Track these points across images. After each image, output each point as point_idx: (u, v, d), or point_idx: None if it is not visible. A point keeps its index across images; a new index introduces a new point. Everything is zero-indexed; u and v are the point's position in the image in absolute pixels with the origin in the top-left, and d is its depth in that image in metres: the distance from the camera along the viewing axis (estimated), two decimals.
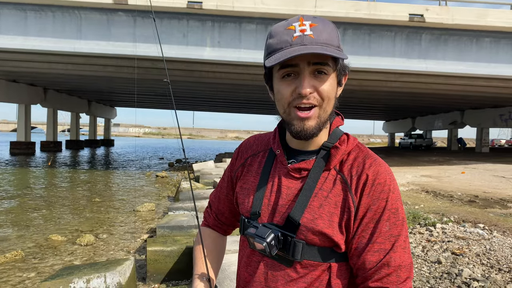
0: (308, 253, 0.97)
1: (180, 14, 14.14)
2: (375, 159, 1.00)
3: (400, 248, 0.94)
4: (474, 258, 4.70)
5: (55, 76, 22.87)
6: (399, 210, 0.96)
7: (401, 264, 0.93)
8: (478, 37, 14.76)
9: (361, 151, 1.02)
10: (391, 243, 0.93)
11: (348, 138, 1.04)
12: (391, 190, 0.96)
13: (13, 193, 12.08)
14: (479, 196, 9.73)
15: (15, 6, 13.87)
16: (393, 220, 0.94)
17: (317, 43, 0.92)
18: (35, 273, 5.38)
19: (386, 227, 0.94)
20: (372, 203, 0.95)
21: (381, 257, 0.93)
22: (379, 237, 0.94)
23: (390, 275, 0.93)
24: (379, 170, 0.97)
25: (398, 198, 0.97)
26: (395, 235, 0.94)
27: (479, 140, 33.01)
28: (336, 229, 0.96)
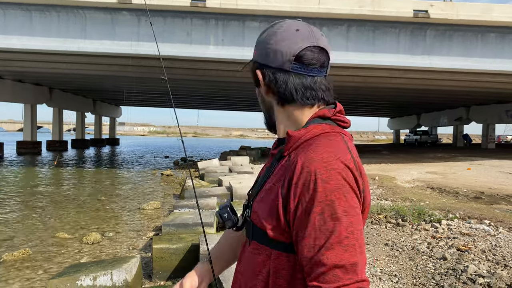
0: (255, 235, 1.02)
1: (183, 12, 14.16)
2: (318, 145, 0.93)
3: (337, 245, 0.85)
4: (479, 255, 4.70)
5: (60, 76, 22.99)
6: (335, 202, 0.86)
7: (338, 264, 0.84)
8: (483, 32, 14.66)
9: (318, 139, 0.96)
10: (325, 239, 0.85)
11: (316, 127, 0.99)
12: (324, 180, 0.87)
13: (20, 192, 12.19)
14: (485, 193, 9.69)
15: (20, 6, 13.95)
16: (328, 213, 0.86)
17: None
18: (42, 271, 5.44)
19: (320, 221, 0.86)
20: (301, 194, 0.89)
21: (314, 253, 0.87)
22: (312, 231, 0.87)
23: (325, 274, 0.85)
24: (312, 156, 0.90)
25: (335, 189, 0.87)
26: (330, 230, 0.85)
27: (485, 136, 32.82)
28: (269, 216, 0.96)
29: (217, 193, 8.78)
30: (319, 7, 13.71)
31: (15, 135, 49.75)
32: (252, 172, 13.25)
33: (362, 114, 52.53)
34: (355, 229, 0.87)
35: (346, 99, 29.15)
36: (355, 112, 48.03)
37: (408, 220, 6.37)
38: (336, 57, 14.52)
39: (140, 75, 20.07)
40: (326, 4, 13.75)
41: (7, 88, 25.95)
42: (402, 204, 7.83)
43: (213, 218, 6.37)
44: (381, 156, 22.69)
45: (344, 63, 14.81)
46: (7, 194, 11.68)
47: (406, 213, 6.66)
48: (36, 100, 30.01)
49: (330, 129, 0.99)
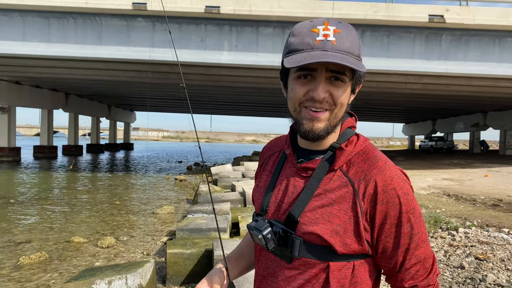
0: (305, 251, 0.98)
1: (198, 19, 14.29)
2: (384, 163, 0.99)
3: (422, 243, 0.99)
4: (498, 264, 4.59)
5: (76, 81, 23.38)
6: (415, 208, 0.98)
7: (426, 257, 1.00)
8: (500, 37, 14.44)
9: (370, 153, 1.01)
10: (414, 242, 0.98)
11: (358, 140, 1.03)
12: (405, 193, 0.97)
13: (36, 195, 12.38)
14: (503, 200, 9.49)
15: (38, 14, 14.26)
16: (413, 220, 0.97)
17: (338, 51, 0.92)
18: (58, 274, 5.50)
19: (408, 228, 0.96)
20: (388, 209, 0.96)
21: (408, 257, 0.98)
22: (403, 239, 0.97)
23: (419, 270, 0.99)
24: (389, 175, 0.97)
25: (412, 198, 0.98)
26: (416, 233, 0.97)
27: (502, 142, 32.22)
28: (336, 231, 0.96)
29: (230, 198, 8.78)
30: (333, 12, 13.69)
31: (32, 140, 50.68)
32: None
33: (376, 119, 52.09)
34: (424, 224, 1.01)
35: (360, 104, 28.97)
36: (369, 117, 47.68)
37: None
38: None
39: (154, 81, 20.29)
40: (340, 10, 13.72)
41: (25, 93, 26.48)
42: None
43: (227, 223, 6.37)
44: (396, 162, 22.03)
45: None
46: (24, 198, 11.87)
47: None
48: (53, 105, 30.54)
49: (366, 139, 1.06)
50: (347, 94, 0.99)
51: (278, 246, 1.02)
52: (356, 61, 0.93)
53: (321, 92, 0.94)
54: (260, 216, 1.08)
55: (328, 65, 0.93)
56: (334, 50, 0.92)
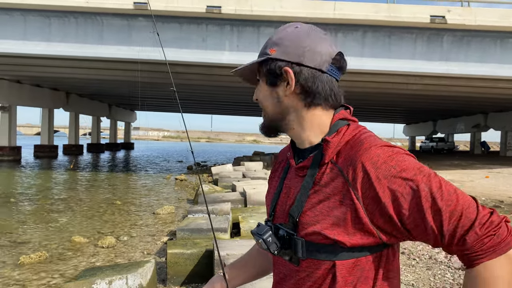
0: (309, 251, 0.97)
1: (199, 18, 14.28)
2: (370, 143, 0.93)
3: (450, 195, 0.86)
4: None
5: (77, 81, 23.39)
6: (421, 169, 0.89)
7: (462, 209, 0.85)
8: (502, 38, 14.43)
9: (358, 138, 0.97)
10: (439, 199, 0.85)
11: (348, 129, 1.00)
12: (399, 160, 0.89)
13: (36, 195, 12.38)
14: (505, 201, 9.48)
15: (39, 13, 14.26)
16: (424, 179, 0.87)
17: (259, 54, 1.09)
18: (58, 274, 5.49)
19: (424, 189, 0.86)
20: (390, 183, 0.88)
21: (444, 218, 0.85)
22: (425, 202, 0.86)
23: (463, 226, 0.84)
24: (375, 152, 0.91)
25: (411, 161, 0.90)
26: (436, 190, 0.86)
27: (503, 143, 32.20)
28: (336, 224, 0.93)
29: (231, 199, 8.77)
30: (335, 13, 13.68)
31: (32, 139, 50.69)
32: (265, 177, 13.21)
33: (377, 120, 52.08)
34: (446, 182, 0.89)
35: (361, 105, 28.95)
36: (369, 118, 47.65)
37: None
38: (352, 62, 14.29)
39: (156, 81, 20.28)
40: (342, 10, 13.71)
41: (26, 92, 26.48)
42: None
43: (227, 223, 6.36)
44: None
45: (359, 69, 14.72)
46: (25, 197, 11.87)
47: None
48: (54, 104, 30.55)
49: (359, 127, 1.01)
50: (261, 90, 1.09)
51: (285, 250, 1.00)
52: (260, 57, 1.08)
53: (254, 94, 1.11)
54: (269, 221, 1.08)
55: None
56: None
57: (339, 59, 1.04)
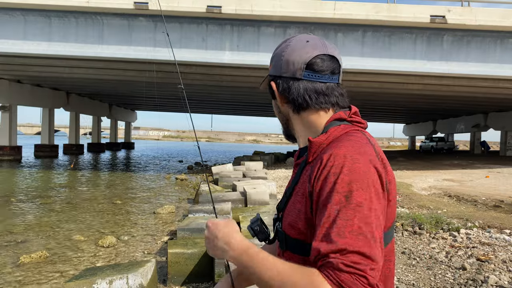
0: (287, 244, 1.04)
1: (199, 18, 14.28)
2: (341, 142, 0.96)
3: (349, 234, 0.83)
4: (500, 265, 4.58)
5: (77, 81, 23.39)
6: (353, 194, 0.86)
7: (347, 249, 0.82)
8: (502, 38, 14.42)
9: (339, 139, 0.99)
10: (338, 227, 0.84)
11: (335, 130, 1.03)
12: (344, 172, 0.89)
13: (37, 194, 12.38)
14: (505, 201, 9.47)
15: (40, 12, 14.26)
16: (344, 203, 0.86)
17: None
18: (59, 274, 5.50)
19: (335, 211, 0.86)
20: (322, 187, 0.91)
21: (325, 242, 0.85)
22: (326, 220, 0.86)
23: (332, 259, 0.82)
24: (336, 152, 0.93)
25: (353, 181, 0.88)
26: (344, 219, 0.84)
27: (503, 143, 32.19)
28: (302, 221, 0.98)
29: (231, 198, 8.77)
30: (335, 13, 13.67)
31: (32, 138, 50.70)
32: (266, 177, 13.21)
33: (377, 119, 52.04)
34: (370, 222, 0.85)
35: (361, 104, 28.94)
36: (369, 117, 47.61)
37: (426, 228, 6.26)
38: (352, 62, 14.44)
39: (156, 80, 20.27)
40: (342, 10, 13.71)
41: (27, 92, 26.49)
42: (419, 212, 7.70)
43: None
44: (397, 163, 22.39)
45: (359, 69, 14.72)
46: (25, 197, 11.88)
47: (423, 221, 6.55)
48: (54, 104, 30.56)
49: (349, 128, 1.04)
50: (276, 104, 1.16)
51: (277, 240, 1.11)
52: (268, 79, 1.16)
53: None
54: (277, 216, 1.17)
55: None
56: None
57: (317, 62, 1.06)
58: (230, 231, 1.00)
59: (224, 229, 1.01)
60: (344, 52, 14.48)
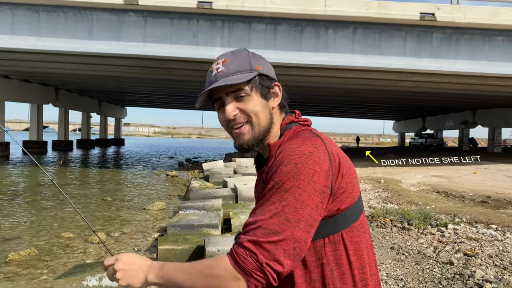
0: None
1: (190, 14, 14.20)
2: (292, 139, 1.07)
3: (267, 213, 0.95)
4: (487, 260, 4.66)
5: (67, 76, 23.12)
6: (284, 181, 0.96)
7: (261, 225, 0.95)
8: (490, 36, 14.58)
9: (290, 138, 1.08)
10: (262, 207, 0.97)
11: (289, 131, 1.12)
12: (284, 163, 0.98)
13: (25, 191, 12.25)
14: (492, 197, 9.62)
15: (27, 7, 14.05)
16: (274, 190, 0.97)
17: (227, 75, 1.10)
18: (48, 271, 5.46)
19: (266, 193, 0.98)
20: (269, 177, 1.02)
21: (250, 218, 0.99)
22: (260, 204, 0.99)
23: (248, 231, 0.96)
24: (284, 147, 1.04)
25: (289, 171, 0.97)
26: (268, 201, 0.97)
27: (491, 140, 32.65)
28: None
29: (222, 195, 8.78)
30: (326, 9, 13.69)
31: (21, 135, 50.06)
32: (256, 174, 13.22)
33: (367, 116, 52.38)
34: (288, 204, 0.95)
35: (351, 101, 29.06)
36: (359, 114, 47.91)
37: (414, 224, 6.34)
38: (342, 59, 14.50)
39: (145, 76, 20.14)
40: (332, 6, 13.73)
41: (15, 88, 26.14)
42: (408, 208, 7.79)
43: (218, 219, 6.37)
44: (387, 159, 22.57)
45: (349, 66, 14.79)
46: (13, 193, 11.74)
47: (412, 216, 6.63)
48: (43, 100, 30.20)
49: (298, 128, 1.14)
50: (256, 102, 1.11)
51: None
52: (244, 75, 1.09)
53: (230, 112, 1.11)
54: None
55: (226, 89, 1.11)
56: (223, 76, 1.10)
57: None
58: (141, 258, 1.08)
59: (136, 258, 1.07)
60: (335, 49, 14.52)
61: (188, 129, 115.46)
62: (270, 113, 1.14)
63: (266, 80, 1.14)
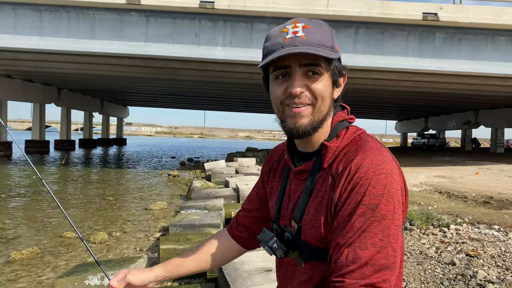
0: (312, 254, 0.99)
1: (192, 14, 14.20)
2: (365, 151, 0.93)
3: (372, 246, 0.85)
4: (489, 260, 4.65)
5: (69, 76, 23.17)
6: (379, 206, 0.86)
7: (369, 262, 0.84)
8: (493, 36, 14.53)
9: (355, 143, 0.97)
10: (361, 239, 0.85)
11: (346, 133, 1.00)
12: (372, 184, 0.87)
13: (28, 190, 12.28)
14: (494, 197, 9.59)
15: (30, 6, 14.08)
16: (369, 216, 0.86)
17: (308, 44, 0.93)
18: (50, 270, 5.47)
19: (360, 222, 0.86)
20: (348, 197, 0.90)
21: (347, 252, 0.86)
22: (350, 231, 0.87)
23: (353, 271, 0.85)
24: (363, 162, 0.91)
25: (380, 194, 0.87)
26: (368, 232, 0.85)
27: (493, 140, 32.54)
28: (325, 229, 0.95)
29: (224, 194, 8.79)
30: (328, 9, 13.68)
31: (23, 134, 50.17)
32: (258, 173, 13.23)
33: (369, 116, 52.29)
34: (391, 233, 0.87)
35: (354, 101, 29.02)
36: (362, 114, 47.82)
37: (416, 224, 6.33)
38: (344, 59, 14.22)
39: (147, 76, 20.16)
40: (335, 6, 13.71)
41: (17, 87, 26.21)
42: (410, 208, 7.77)
43: (220, 219, 6.37)
44: None
45: (352, 66, 14.75)
46: (16, 193, 11.77)
47: (414, 217, 6.62)
48: (45, 99, 30.27)
49: (357, 130, 1.01)
50: (326, 86, 0.97)
51: (293, 252, 1.03)
52: (328, 51, 0.95)
53: (297, 86, 0.94)
54: (274, 223, 1.12)
55: (300, 59, 0.94)
56: (304, 44, 0.93)
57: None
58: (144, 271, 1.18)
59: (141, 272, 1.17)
60: None
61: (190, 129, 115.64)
62: (331, 101, 1.02)
63: (341, 66, 1.03)
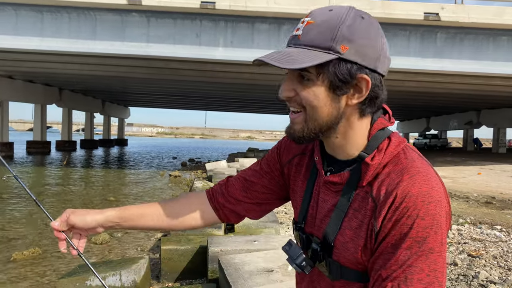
0: (343, 274, 0.94)
1: (193, 14, 14.21)
2: (412, 175, 0.83)
3: (418, 283, 0.79)
4: (491, 260, 4.63)
5: (70, 76, 23.21)
6: (427, 240, 0.79)
7: None
8: (495, 35, 14.50)
9: (400, 162, 0.87)
10: (406, 275, 0.79)
11: (388, 146, 0.88)
12: (420, 216, 0.80)
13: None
14: (496, 198, 9.57)
15: (31, 7, 14.10)
16: (416, 250, 0.79)
17: (299, 45, 0.84)
18: (51, 270, 5.47)
19: (405, 256, 0.80)
20: (392, 228, 0.82)
21: (391, 287, 0.80)
22: (394, 264, 0.81)
23: None
24: (410, 190, 0.81)
25: (429, 226, 0.80)
26: (414, 267, 0.79)
27: (495, 140, 32.50)
28: (367, 256, 0.89)
29: None
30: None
31: (24, 135, 50.27)
32: None
33: None
34: (438, 268, 0.81)
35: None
36: None
37: None
38: None
39: (149, 76, 20.18)
40: None
41: (19, 88, 26.25)
42: None
43: None
44: None
45: None
46: (16, 193, 11.78)
47: None
48: (46, 100, 30.32)
49: (401, 143, 0.90)
50: (317, 94, 0.85)
51: (319, 263, 0.97)
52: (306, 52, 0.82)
53: (283, 90, 0.87)
54: (297, 224, 1.05)
55: None
56: (297, 44, 0.84)
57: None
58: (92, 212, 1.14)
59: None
60: None
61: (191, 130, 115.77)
62: (339, 112, 0.87)
63: (348, 69, 0.83)
